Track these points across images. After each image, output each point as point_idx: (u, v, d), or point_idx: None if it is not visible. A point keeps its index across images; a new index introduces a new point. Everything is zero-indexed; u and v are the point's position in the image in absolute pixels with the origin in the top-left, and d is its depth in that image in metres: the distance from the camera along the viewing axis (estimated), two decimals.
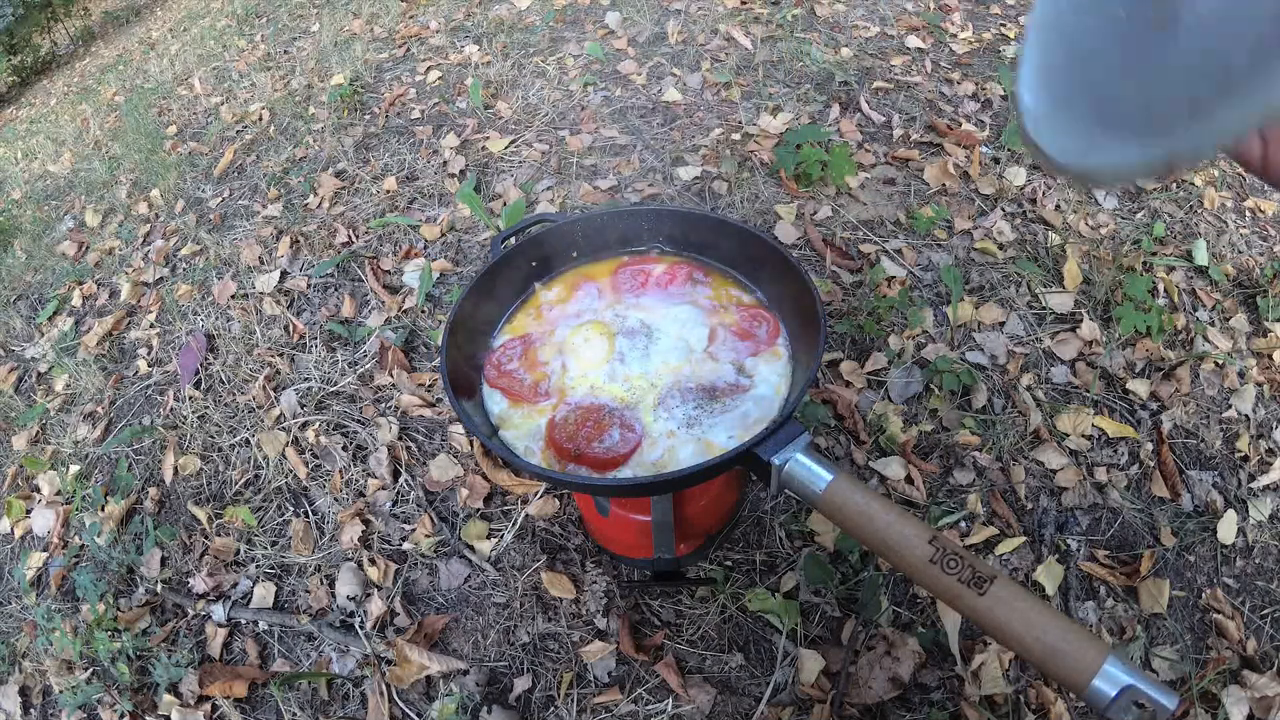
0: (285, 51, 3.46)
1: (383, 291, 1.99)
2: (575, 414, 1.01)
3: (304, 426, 1.74)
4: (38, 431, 1.97)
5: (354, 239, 2.18)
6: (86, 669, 1.48)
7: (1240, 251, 1.99)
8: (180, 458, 1.75)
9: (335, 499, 1.61)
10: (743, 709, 1.27)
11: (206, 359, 1.95)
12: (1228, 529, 1.45)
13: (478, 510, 1.54)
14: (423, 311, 1.93)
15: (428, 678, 1.35)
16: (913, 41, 2.65)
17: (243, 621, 1.49)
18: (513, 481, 1.56)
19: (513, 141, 2.41)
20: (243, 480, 1.69)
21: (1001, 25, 2.77)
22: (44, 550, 1.72)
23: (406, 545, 1.51)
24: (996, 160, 2.17)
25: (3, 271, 2.61)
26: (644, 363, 1.07)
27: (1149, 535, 1.45)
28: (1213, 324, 1.80)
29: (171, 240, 2.41)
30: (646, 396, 1.03)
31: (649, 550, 1.24)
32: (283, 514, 1.62)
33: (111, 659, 1.45)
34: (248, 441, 1.75)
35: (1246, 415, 1.63)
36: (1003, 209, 2.03)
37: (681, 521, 1.20)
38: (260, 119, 2.90)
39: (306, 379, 1.84)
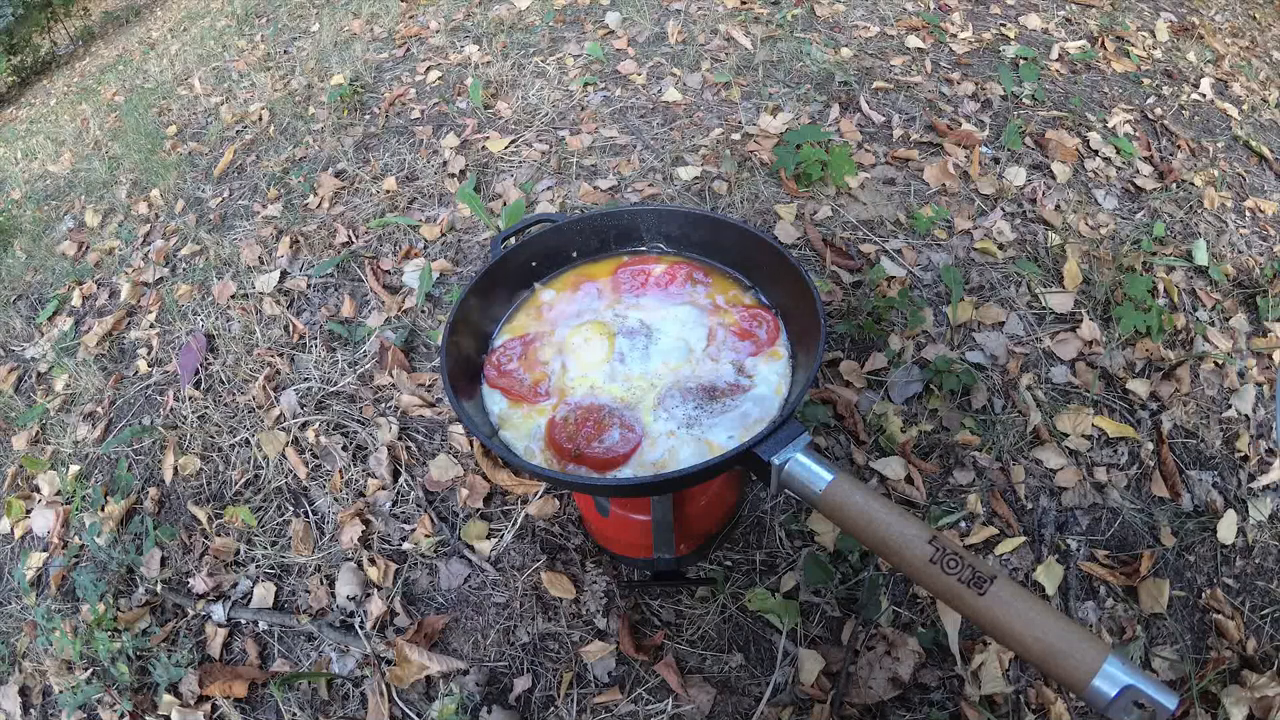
0: (285, 51, 3.46)
1: (383, 291, 1.99)
2: (575, 414, 1.01)
3: (304, 426, 1.74)
4: (38, 431, 1.97)
5: (354, 239, 2.18)
6: (86, 669, 1.48)
7: (1240, 251, 1.99)
8: (180, 458, 1.75)
9: (335, 499, 1.61)
10: (743, 709, 1.27)
11: (206, 359, 1.95)
12: (1228, 529, 1.45)
13: (478, 510, 1.54)
14: (423, 311, 1.93)
15: (428, 678, 1.35)
16: (913, 41, 2.65)
17: (243, 621, 1.49)
18: (513, 481, 1.56)
19: (513, 141, 2.41)
20: (243, 480, 1.69)
21: (1001, 25, 2.77)
22: (44, 550, 1.72)
23: (406, 545, 1.51)
24: (996, 160, 2.17)
25: (3, 271, 2.61)
26: (644, 363, 1.07)
27: (1149, 535, 1.45)
28: (1213, 324, 1.80)
29: (171, 240, 2.41)
30: (646, 396, 1.03)
31: (649, 550, 1.24)
32: (283, 514, 1.62)
33: (111, 659, 1.45)
34: (248, 441, 1.74)
35: (1246, 415, 1.63)
36: (1003, 209, 2.03)
37: (681, 521, 1.20)
38: (260, 119, 2.90)
39: (306, 379, 1.84)
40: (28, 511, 1.80)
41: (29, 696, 1.51)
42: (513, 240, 1.20)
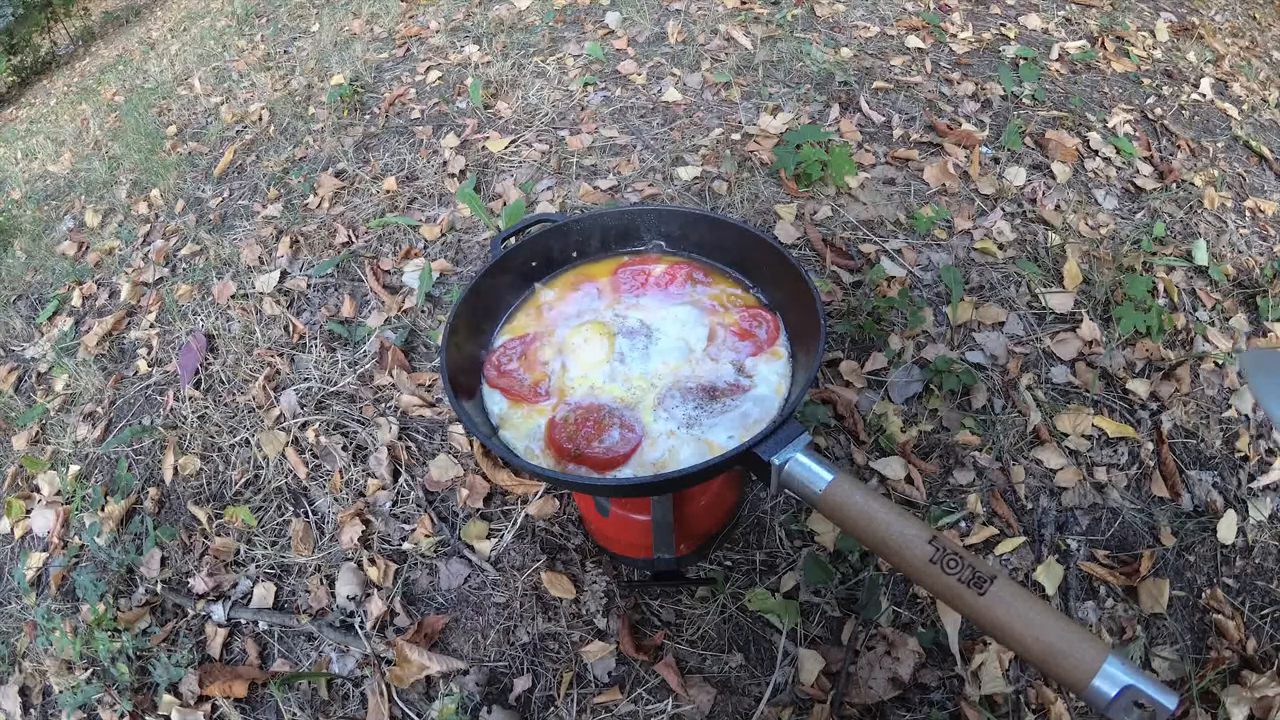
0: (285, 51, 3.46)
1: (383, 291, 1.99)
2: (575, 414, 1.01)
3: (304, 426, 1.74)
4: (38, 431, 1.97)
5: (354, 239, 2.18)
6: (86, 669, 1.48)
7: (1240, 251, 1.99)
8: (180, 458, 1.75)
9: (335, 499, 1.61)
10: (743, 709, 1.27)
11: (206, 359, 1.95)
12: (1228, 529, 1.45)
13: (478, 510, 1.54)
14: (423, 311, 1.93)
15: (428, 678, 1.35)
16: (913, 41, 2.65)
17: (243, 621, 1.49)
18: (513, 481, 1.56)
19: (513, 141, 2.41)
20: (243, 480, 1.69)
21: (1001, 25, 2.77)
22: (44, 550, 1.72)
23: (406, 545, 1.51)
24: (996, 160, 2.17)
25: (3, 271, 2.61)
26: (644, 363, 1.07)
27: (1149, 535, 1.45)
28: (1213, 324, 1.80)
29: (171, 240, 2.41)
30: (646, 396, 1.03)
31: (649, 550, 1.24)
32: (283, 514, 1.62)
33: (111, 659, 1.45)
34: (248, 441, 1.74)
35: (1246, 415, 1.63)
36: (1003, 209, 2.03)
37: (681, 521, 1.20)
38: (260, 119, 2.90)
39: (306, 379, 1.84)
40: (28, 511, 1.80)
41: (29, 696, 1.51)
42: (513, 240, 1.20)
